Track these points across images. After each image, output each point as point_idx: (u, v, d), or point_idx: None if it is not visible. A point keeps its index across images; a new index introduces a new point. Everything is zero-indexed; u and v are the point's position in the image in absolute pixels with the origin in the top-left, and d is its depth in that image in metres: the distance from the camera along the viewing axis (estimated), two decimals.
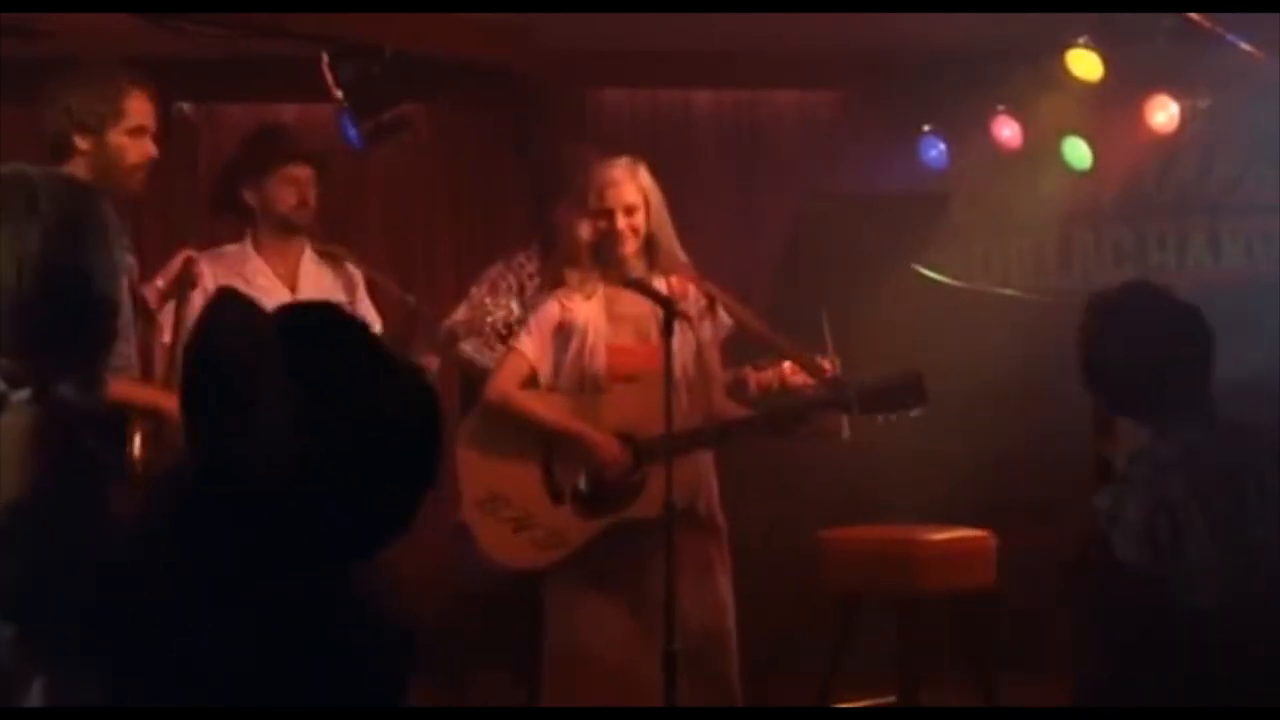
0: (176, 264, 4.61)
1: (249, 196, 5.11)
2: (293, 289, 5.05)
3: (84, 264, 2.11)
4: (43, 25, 5.61)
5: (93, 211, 2.14)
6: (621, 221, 4.63)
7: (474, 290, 5.48)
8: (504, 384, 4.71)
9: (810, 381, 4.89)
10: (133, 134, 4.30)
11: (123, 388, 4.14)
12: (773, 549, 5.62)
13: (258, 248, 5.13)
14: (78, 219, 2.11)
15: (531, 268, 5.52)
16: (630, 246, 4.64)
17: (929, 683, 5.40)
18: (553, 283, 4.89)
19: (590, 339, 4.68)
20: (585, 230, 4.70)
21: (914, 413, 4.55)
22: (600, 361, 4.68)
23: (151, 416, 3.96)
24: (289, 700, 1.86)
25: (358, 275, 5.28)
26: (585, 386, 4.67)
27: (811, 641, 5.67)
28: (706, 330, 4.75)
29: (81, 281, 2.11)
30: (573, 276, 4.73)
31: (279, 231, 5.11)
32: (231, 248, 5.14)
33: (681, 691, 4.29)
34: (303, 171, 5.09)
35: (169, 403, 3.75)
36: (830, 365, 4.81)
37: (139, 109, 4.31)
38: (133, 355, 4.28)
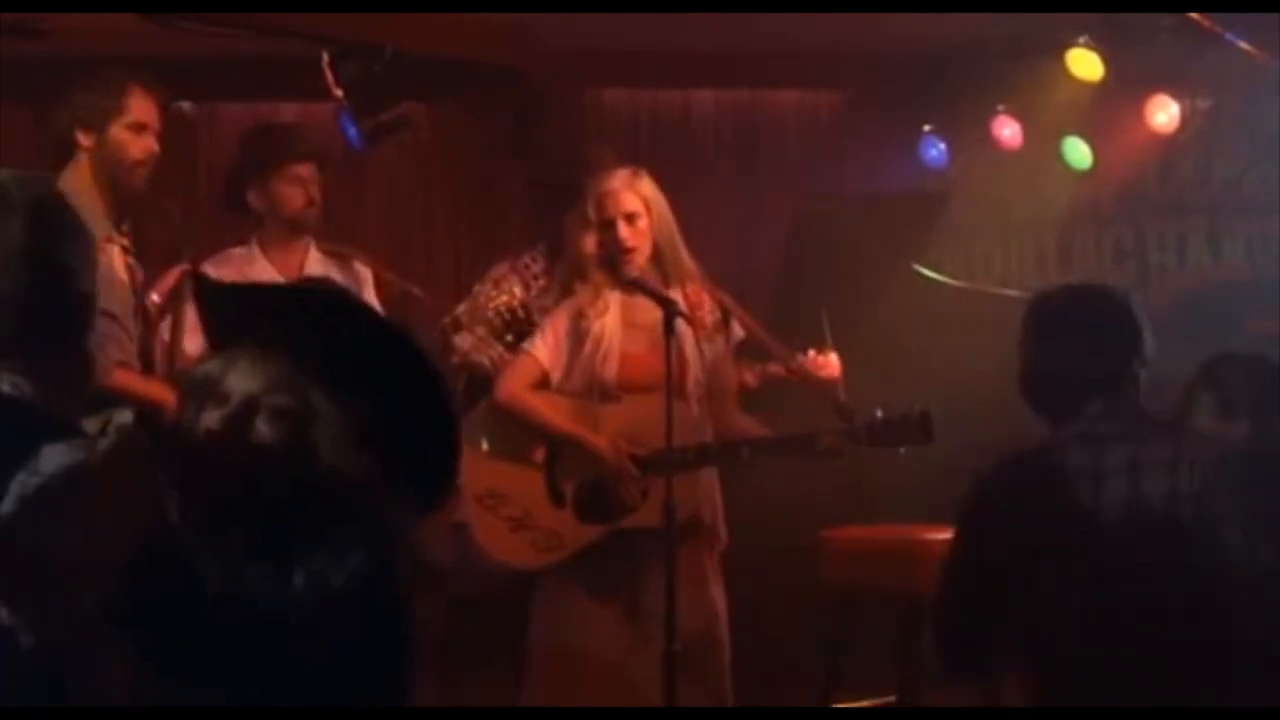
0: (171, 278, 4.61)
1: (255, 200, 5.12)
2: None
3: (62, 259, 2.15)
4: (44, 25, 5.61)
5: (65, 208, 2.19)
6: (624, 230, 4.61)
7: (477, 288, 5.48)
8: (513, 385, 4.70)
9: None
10: (134, 129, 4.32)
11: (127, 379, 4.17)
12: (772, 548, 5.62)
13: (263, 249, 5.14)
14: (51, 215, 2.16)
15: (537, 268, 5.51)
16: (637, 257, 4.62)
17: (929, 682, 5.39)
18: (562, 291, 4.87)
19: (604, 344, 4.66)
20: (590, 244, 4.69)
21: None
22: (612, 367, 4.66)
23: (154, 409, 3.97)
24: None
25: (366, 273, 5.29)
26: (595, 391, 4.66)
27: (811, 641, 5.67)
28: (720, 343, 4.74)
29: (61, 275, 2.15)
30: (584, 290, 4.71)
31: (286, 232, 5.13)
32: (237, 250, 5.15)
33: (679, 694, 4.28)
34: (305, 170, 5.11)
35: (170, 396, 3.77)
36: (829, 360, 4.82)
37: (140, 105, 4.34)
38: (132, 348, 4.30)
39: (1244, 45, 5.79)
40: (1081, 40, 6.18)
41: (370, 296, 5.27)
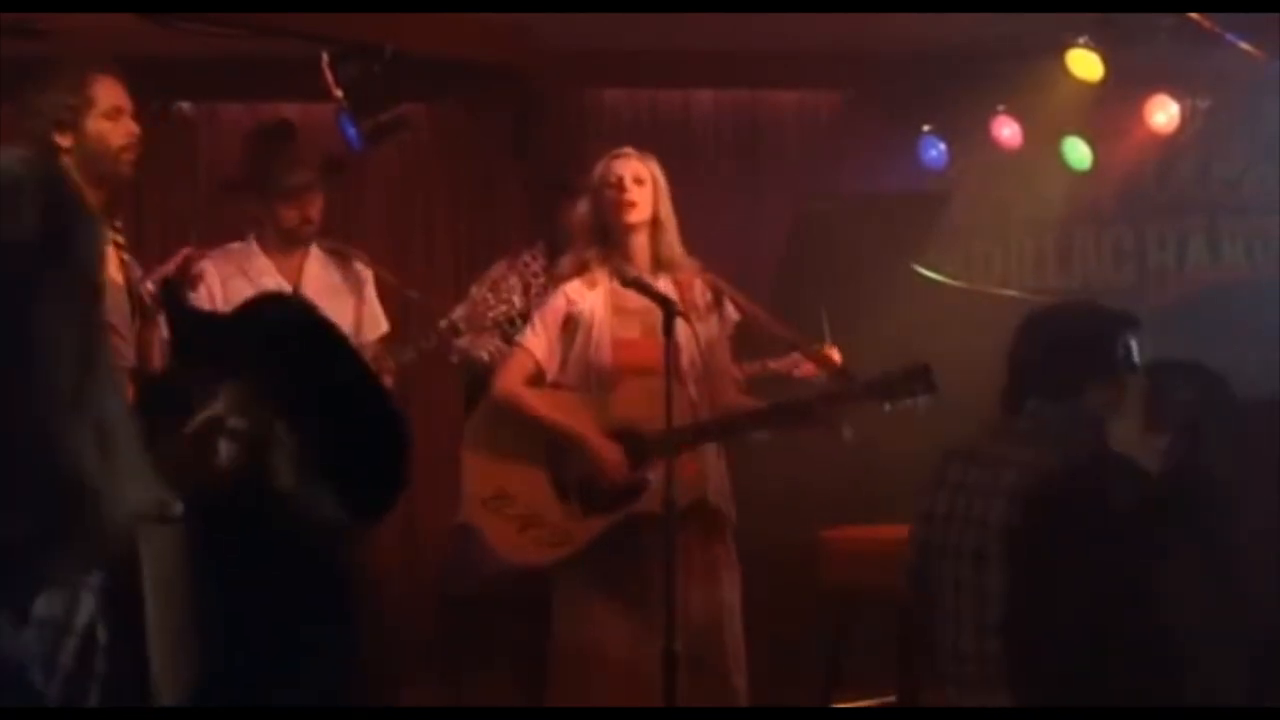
0: (173, 266, 4.60)
1: (253, 208, 5.14)
2: (297, 287, 5.05)
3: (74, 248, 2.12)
4: (44, 25, 5.61)
5: (76, 194, 2.15)
6: (631, 189, 4.62)
7: (474, 289, 5.48)
8: (508, 382, 4.69)
9: (815, 372, 4.92)
10: (110, 116, 4.27)
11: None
12: (773, 548, 5.62)
13: (263, 246, 5.15)
14: (59, 198, 2.12)
15: (536, 266, 5.51)
16: (634, 215, 4.62)
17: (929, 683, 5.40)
18: (560, 279, 4.86)
19: (596, 332, 4.66)
20: (588, 207, 4.70)
21: (922, 401, 4.55)
22: (606, 355, 4.66)
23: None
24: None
25: (366, 273, 5.29)
26: (591, 380, 4.66)
27: (811, 641, 5.67)
28: (713, 324, 4.73)
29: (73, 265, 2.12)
30: (581, 258, 4.70)
31: (283, 240, 5.15)
32: (236, 245, 5.15)
33: (685, 690, 4.27)
34: (307, 193, 5.13)
35: None
36: (829, 356, 4.83)
37: (108, 92, 4.29)
38: (129, 353, 4.29)
39: (1244, 45, 5.79)
40: (1081, 40, 6.18)
41: (370, 296, 5.27)
